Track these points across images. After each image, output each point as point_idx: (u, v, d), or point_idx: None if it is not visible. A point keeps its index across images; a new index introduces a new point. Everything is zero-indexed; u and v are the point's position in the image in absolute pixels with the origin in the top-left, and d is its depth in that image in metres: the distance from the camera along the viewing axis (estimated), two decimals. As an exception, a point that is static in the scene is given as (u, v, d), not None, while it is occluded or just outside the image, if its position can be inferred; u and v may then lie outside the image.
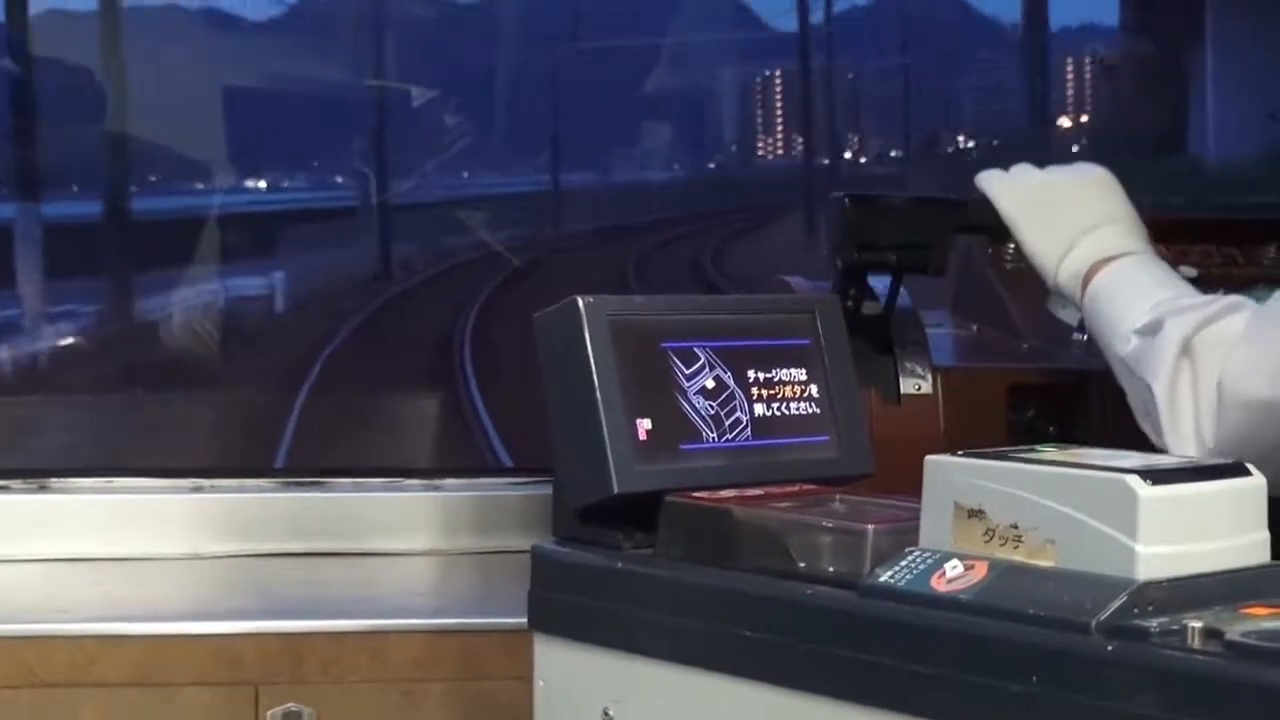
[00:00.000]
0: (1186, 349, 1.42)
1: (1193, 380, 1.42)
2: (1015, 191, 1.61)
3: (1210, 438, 1.40)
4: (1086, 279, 1.55)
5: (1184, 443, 1.41)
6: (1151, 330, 1.45)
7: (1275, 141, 3.40)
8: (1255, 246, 1.93)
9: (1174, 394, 1.42)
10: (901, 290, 1.75)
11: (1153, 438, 1.46)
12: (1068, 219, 1.57)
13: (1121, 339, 1.49)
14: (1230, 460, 1.19)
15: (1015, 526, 1.10)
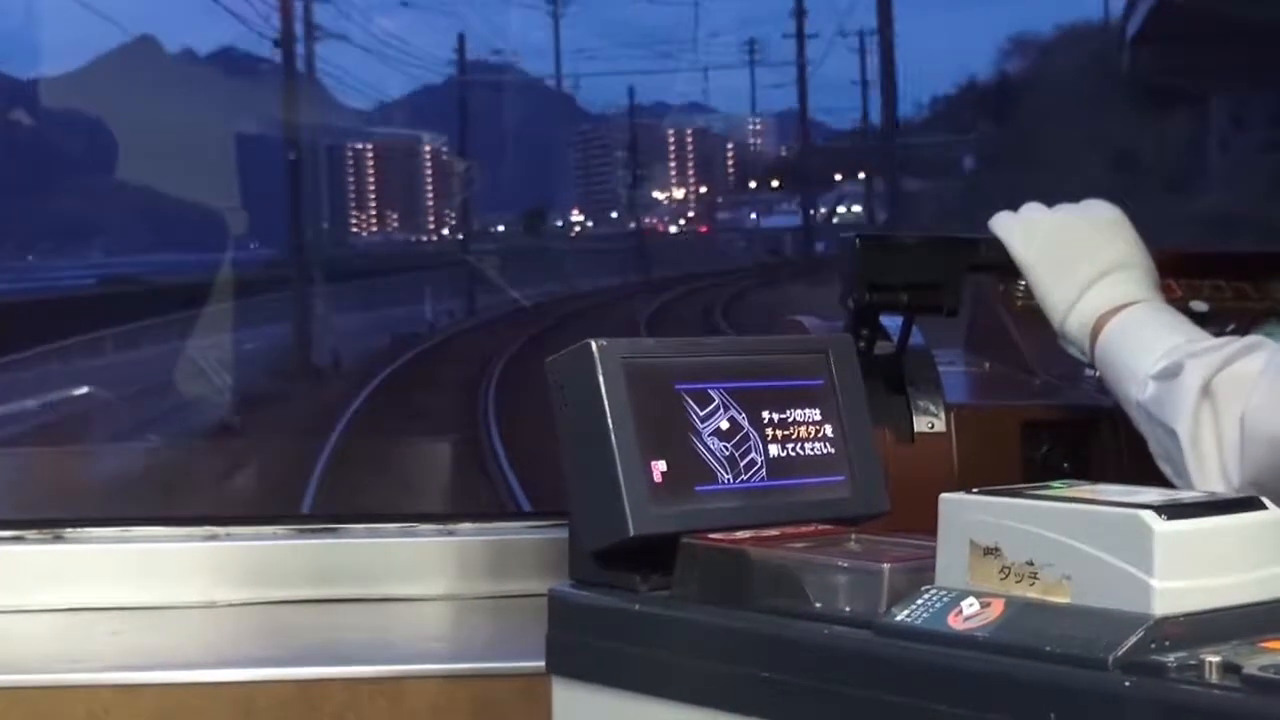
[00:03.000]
0: (1207, 390, 1.42)
1: (1215, 421, 1.42)
2: (1028, 236, 1.61)
3: (1236, 477, 1.40)
4: (1096, 329, 1.55)
5: (1210, 484, 1.41)
6: (1170, 374, 1.46)
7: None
8: (1266, 280, 1.94)
9: (1197, 436, 1.42)
10: (914, 329, 1.76)
11: (1173, 480, 1.46)
12: (1078, 266, 1.58)
13: (1138, 385, 1.49)
14: (1245, 494, 1.20)
15: (1031, 563, 1.10)
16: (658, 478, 1.30)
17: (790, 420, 1.37)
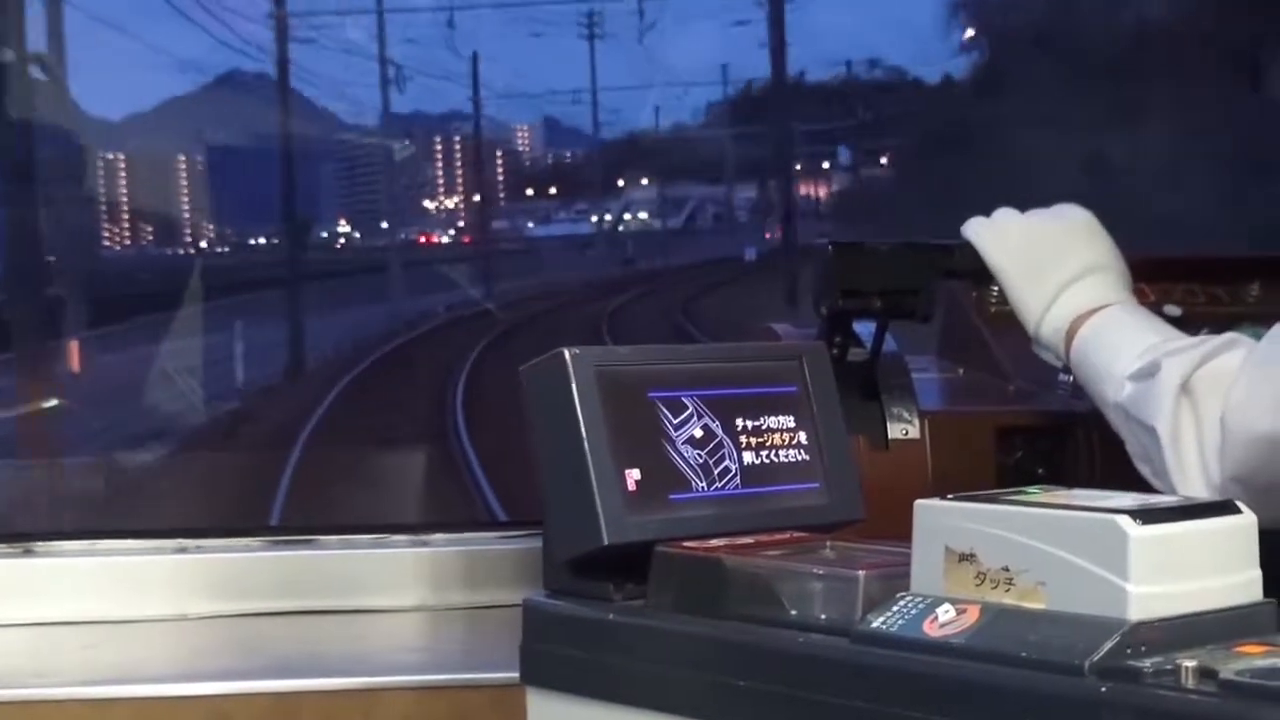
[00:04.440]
0: (1186, 388, 1.42)
1: (1195, 419, 1.42)
2: (1001, 241, 1.61)
3: (1216, 475, 1.40)
4: (1071, 332, 1.55)
5: (1190, 482, 1.41)
6: (1147, 373, 1.46)
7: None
8: (1239, 285, 1.94)
9: (1177, 434, 1.42)
10: (887, 335, 1.75)
11: (1153, 481, 1.46)
12: (1051, 271, 1.58)
13: (1115, 386, 1.49)
14: (1220, 498, 1.20)
15: (1006, 569, 1.10)
16: (632, 486, 1.30)
17: (764, 427, 1.37)
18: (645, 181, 20.80)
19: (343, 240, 20.86)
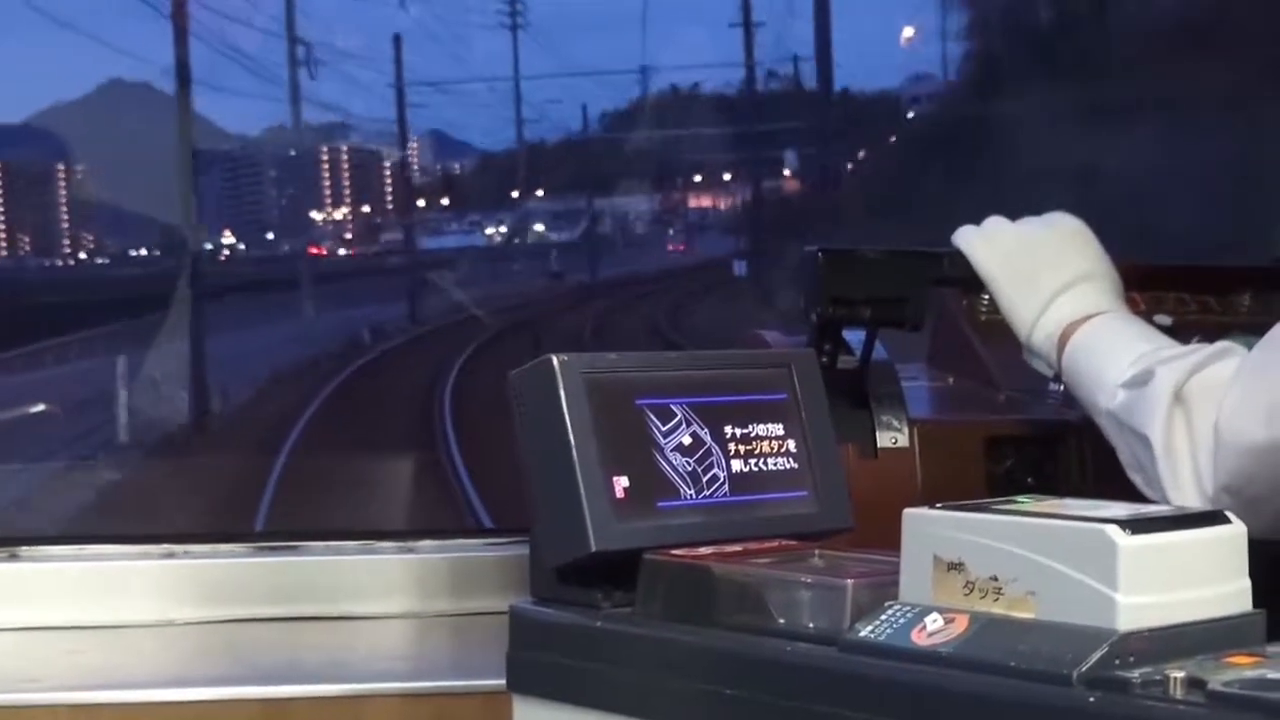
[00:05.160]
0: (1179, 396, 1.42)
1: (1188, 427, 1.41)
2: (991, 249, 1.61)
3: (1209, 483, 1.39)
4: (1062, 341, 1.55)
5: (1183, 490, 1.41)
6: (1140, 381, 1.45)
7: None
8: (1230, 294, 1.94)
9: (1170, 442, 1.42)
10: (877, 343, 1.75)
11: (1144, 490, 1.45)
12: (1043, 278, 1.57)
13: (1107, 394, 1.48)
14: (1214, 507, 1.19)
15: (995, 579, 1.10)
16: (620, 493, 1.29)
17: (753, 435, 1.37)
18: (540, 193, 20.58)
19: (227, 252, 20.28)
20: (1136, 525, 1.07)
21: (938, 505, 1.14)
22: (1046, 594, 1.07)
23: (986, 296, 1.68)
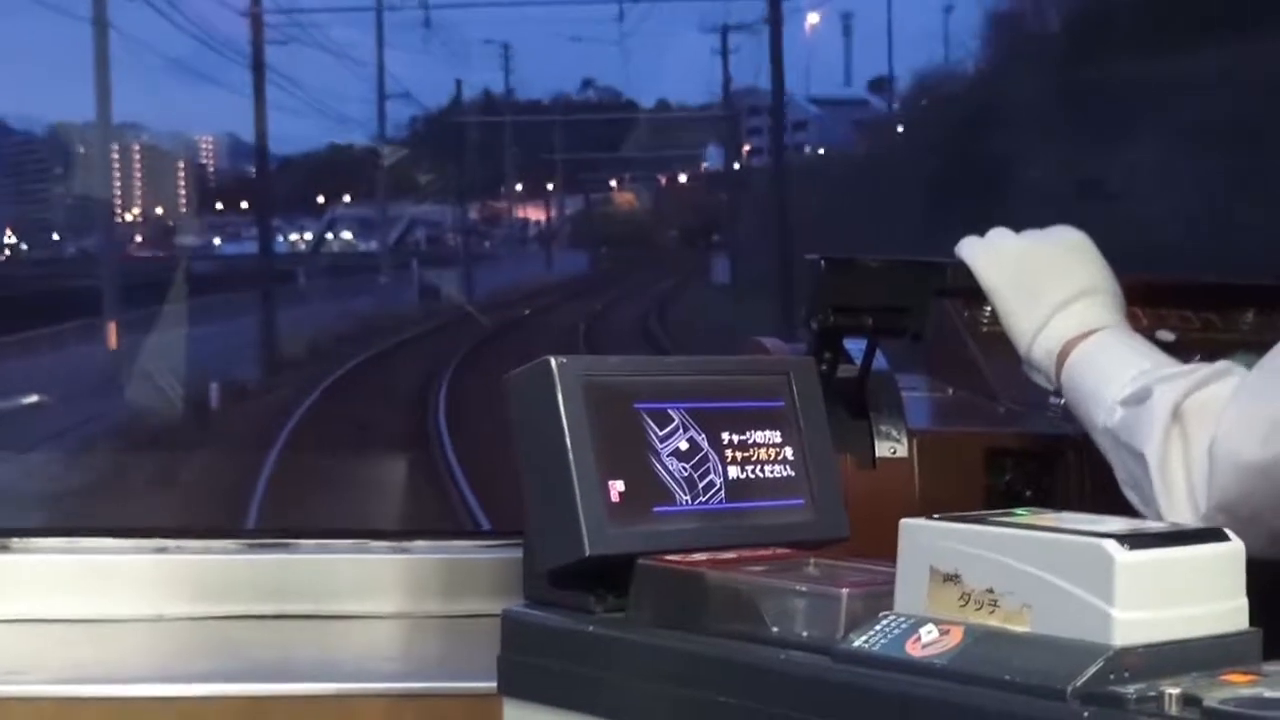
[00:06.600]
0: (1177, 415, 1.42)
1: (1184, 446, 1.41)
2: (995, 261, 1.60)
3: (1204, 502, 1.39)
4: (1062, 355, 1.55)
5: (1178, 508, 1.40)
6: (1138, 399, 1.45)
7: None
8: (1233, 311, 1.93)
9: (1165, 461, 1.41)
10: (877, 353, 1.74)
11: (1140, 507, 1.45)
12: (1044, 292, 1.57)
13: (1105, 410, 1.48)
14: (1208, 525, 1.18)
15: (991, 591, 1.09)
16: (615, 497, 1.28)
17: (750, 442, 1.36)
18: (348, 199, 20.06)
19: (8, 252, 19.48)
20: (1134, 540, 1.07)
21: (935, 516, 1.14)
22: (1043, 608, 1.07)
23: (988, 308, 1.67)
